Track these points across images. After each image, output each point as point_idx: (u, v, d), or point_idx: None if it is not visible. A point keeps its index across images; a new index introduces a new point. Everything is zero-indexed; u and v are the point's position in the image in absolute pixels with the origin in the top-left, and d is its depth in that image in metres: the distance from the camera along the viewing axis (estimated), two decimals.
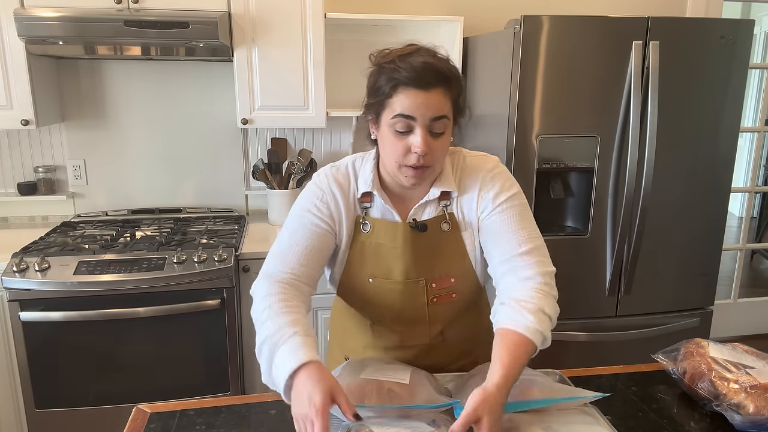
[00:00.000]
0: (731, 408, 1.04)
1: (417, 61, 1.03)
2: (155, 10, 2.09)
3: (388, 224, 1.17)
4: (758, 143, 3.75)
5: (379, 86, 1.07)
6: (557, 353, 2.20)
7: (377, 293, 1.20)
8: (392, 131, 1.07)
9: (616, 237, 2.12)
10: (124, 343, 2.06)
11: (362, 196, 1.18)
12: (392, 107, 1.06)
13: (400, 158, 1.08)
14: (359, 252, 1.19)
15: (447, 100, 1.06)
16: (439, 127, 1.07)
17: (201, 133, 2.63)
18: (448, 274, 1.19)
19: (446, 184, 1.17)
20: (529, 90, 1.99)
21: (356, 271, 1.20)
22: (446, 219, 1.18)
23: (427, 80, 1.03)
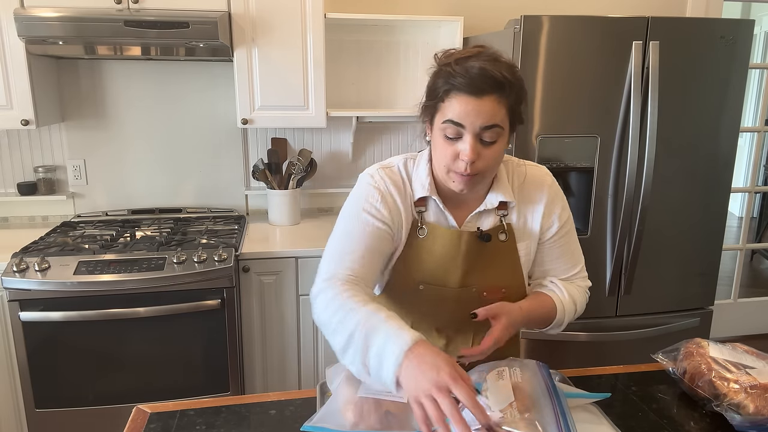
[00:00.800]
0: (731, 408, 1.04)
1: (474, 66, 1.00)
2: (155, 10, 2.09)
3: (448, 231, 1.15)
4: (758, 143, 3.75)
5: (435, 89, 1.05)
6: (557, 353, 2.21)
7: (427, 300, 1.17)
8: (442, 136, 1.06)
9: (616, 237, 2.12)
10: (124, 343, 2.06)
11: (418, 200, 1.15)
12: (444, 112, 1.04)
13: (449, 163, 1.06)
14: (412, 256, 1.16)
15: (501, 108, 1.02)
16: (490, 136, 1.03)
17: (201, 133, 2.63)
18: (501, 284, 1.19)
19: (504, 194, 1.16)
20: (529, 90, 1.99)
21: (407, 275, 1.17)
22: (504, 229, 1.17)
23: (480, 87, 1.00)
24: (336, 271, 1.08)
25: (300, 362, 2.34)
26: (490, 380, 0.98)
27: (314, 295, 1.08)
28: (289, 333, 2.30)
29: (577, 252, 1.25)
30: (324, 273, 1.10)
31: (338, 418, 0.98)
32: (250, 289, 2.22)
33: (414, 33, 2.64)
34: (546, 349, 2.20)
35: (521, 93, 1.06)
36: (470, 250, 1.15)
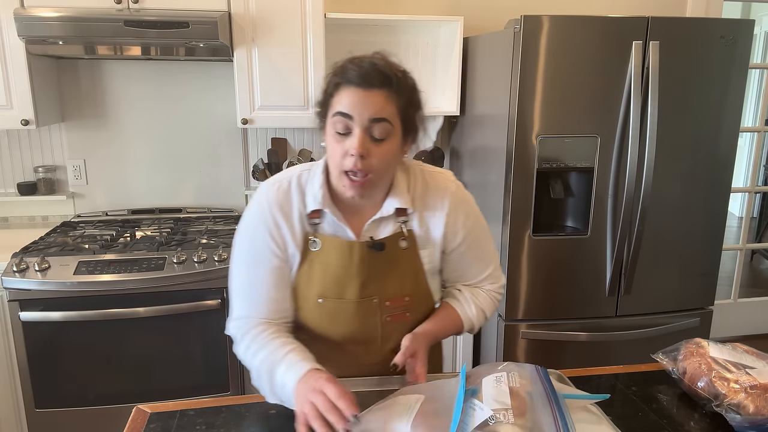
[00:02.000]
0: (731, 408, 1.04)
1: (365, 61, 1.03)
2: (155, 10, 2.09)
3: (341, 242, 1.12)
4: (758, 143, 3.75)
5: (326, 88, 1.07)
6: (557, 353, 2.21)
7: (327, 313, 1.15)
8: (333, 133, 1.04)
9: (616, 237, 2.12)
10: (124, 343, 2.06)
11: (311, 213, 1.12)
12: (333, 106, 1.04)
13: (340, 162, 1.04)
14: (308, 271, 1.13)
15: (390, 104, 1.03)
16: (379, 132, 1.02)
17: (201, 133, 2.63)
18: (403, 292, 1.17)
19: (402, 200, 1.14)
20: (529, 90, 1.99)
21: (304, 290, 1.14)
22: (404, 236, 1.15)
23: (369, 80, 1.01)
24: (246, 313, 1.13)
25: None
26: (486, 384, 0.98)
27: (232, 335, 1.15)
28: None
29: (488, 255, 1.26)
30: (236, 312, 1.15)
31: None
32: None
33: (414, 33, 2.64)
34: (546, 349, 2.20)
35: (413, 97, 1.07)
36: (364, 260, 1.12)
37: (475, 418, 0.91)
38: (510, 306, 2.17)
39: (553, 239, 2.14)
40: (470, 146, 2.54)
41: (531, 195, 2.07)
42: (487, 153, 2.31)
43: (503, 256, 2.15)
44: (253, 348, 1.09)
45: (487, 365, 1.07)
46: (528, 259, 2.13)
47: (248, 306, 1.13)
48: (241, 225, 1.16)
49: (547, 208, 2.16)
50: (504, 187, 2.11)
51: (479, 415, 0.91)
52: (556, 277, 2.15)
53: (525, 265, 2.13)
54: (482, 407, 0.92)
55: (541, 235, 2.11)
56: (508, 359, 1.11)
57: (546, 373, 1.02)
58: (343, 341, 1.18)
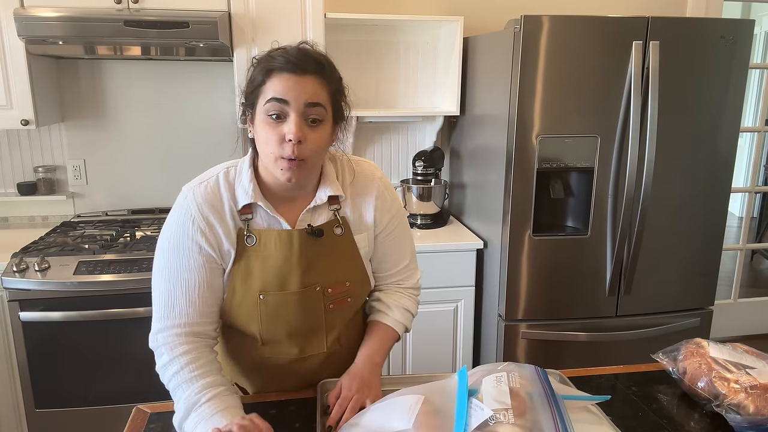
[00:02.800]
0: (731, 408, 1.04)
1: (292, 49, 1.04)
2: (155, 10, 2.09)
3: (278, 233, 1.10)
4: (758, 143, 3.75)
5: (253, 77, 1.05)
6: (557, 353, 2.21)
7: (270, 308, 1.12)
8: (266, 119, 1.03)
9: (616, 237, 2.12)
10: (124, 343, 2.06)
11: (243, 209, 1.10)
12: (265, 93, 1.03)
13: (276, 149, 1.02)
14: (245, 268, 1.10)
15: (323, 90, 1.04)
16: (314, 114, 1.03)
17: (201, 133, 2.63)
18: (344, 278, 1.17)
19: (333, 188, 1.15)
20: (529, 90, 1.99)
21: (243, 290, 1.11)
22: (339, 223, 1.16)
23: (301, 65, 1.02)
24: (171, 322, 1.06)
25: None
26: (485, 384, 0.98)
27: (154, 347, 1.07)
28: None
29: (406, 246, 1.28)
30: (159, 321, 1.07)
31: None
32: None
33: (414, 33, 2.64)
34: (546, 349, 2.20)
35: (340, 84, 1.10)
36: (304, 247, 1.11)
37: (475, 418, 0.91)
38: (510, 306, 2.17)
39: (553, 239, 2.14)
40: (470, 146, 2.54)
41: (531, 195, 2.07)
42: (487, 153, 2.31)
43: (503, 256, 2.15)
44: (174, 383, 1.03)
45: (487, 365, 1.08)
46: (528, 259, 2.13)
47: (171, 314, 1.06)
48: (164, 229, 1.12)
49: (547, 208, 2.16)
50: (504, 187, 2.11)
51: (479, 415, 0.91)
52: (556, 277, 2.15)
53: (525, 265, 2.13)
54: (482, 407, 0.92)
55: (541, 235, 2.11)
56: (508, 359, 1.11)
57: (545, 374, 1.02)
58: (287, 335, 1.16)
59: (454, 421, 0.90)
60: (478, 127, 2.43)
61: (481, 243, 2.34)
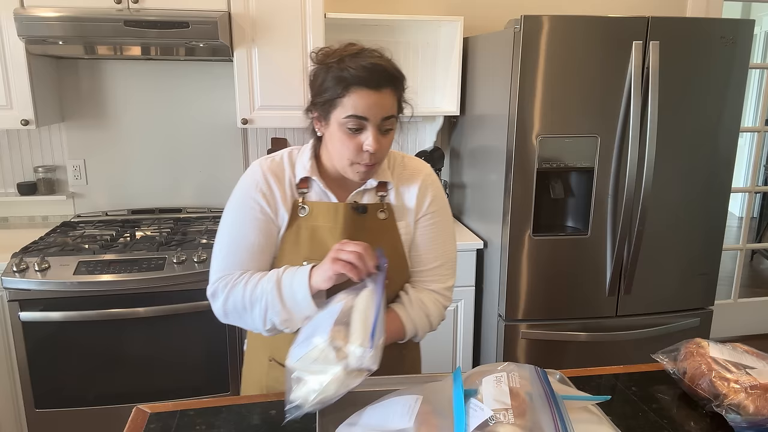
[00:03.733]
0: (731, 408, 1.04)
1: (366, 61, 1.08)
2: (155, 10, 2.09)
3: (327, 205, 1.21)
4: (758, 143, 3.75)
5: (328, 86, 1.10)
6: (557, 353, 2.21)
7: None
8: (343, 130, 1.11)
9: (616, 237, 2.12)
10: (124, 343, 2.07)
11: (300, 182, 1.21)
12: (345, 107, 1.09)
13: (352, 156, 1.12)
14: (295, 235, 1.20)
15: (395, 99, 1.12)
16: (388, 125, 1.12)
17: (201, 133, 2.63)
18: None
19: (383, 176, 1.23)
20: (529, 90, 1.99)
21: (290, 255, 1.20)
22: (383, 208, 1.23)
23: (378, 81, 1.08)
24: (227, 270, 1.18)
25: None
26: (485, 384, 0.98)
27: (212, 294, 1.19)
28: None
29: (445, 247, 1.30)
30: (216, 272, 1.19)
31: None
32: None
33: (414, 33, 2.64)
34: (546, 349, 2.20)
35: (405, 84, 1.16)
36: (348, 222, 1.20)
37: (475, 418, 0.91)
38: (510, 306, 2.17)
39: (553, 239, 2.14)
40: (470, 146, 2.54)
41: (531, 195, 2.07)
42: (487, 153, 2.31)
43: (503, 256, 2.15)
44: (248, 291, 1.13)
45: (487, 365, 1.08)
46: (528, 259, 2.13)
47: (230, 263, 1.18)
48: (233, 192, 1.23)
49: (547, 208, 2.16)
50: (504, 187, 2.11)
51: (479, 415, 0.91)
52: (556, 277, 2.15)
53: (525, 265, 2.13)
54: (482, 407, 0.92)
55: (541, 235, 2.11)
56: (508, 359, 1.11)
57: (545, 374, 1.02)
58: None
59: (454, 422, 0.90)
60: (478, 127, 2.43)
61: (481, 243, 2.34)
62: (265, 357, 1.31)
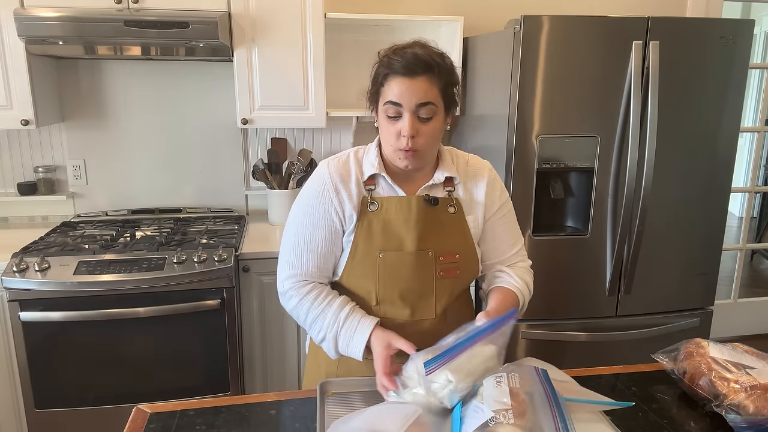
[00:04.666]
0: (731, 408, 1.04)
1: (408, 52, 1.15)
2: (155, 10, 2.09)
3: (398, 199, 1.25)
4: (758, 143, 3.75)
5: (376, 77, 1.19)
6: (557, 353, 2.21)
7: (388, 266, 1.24)
8: (385, 117, 1.18)
9: (616, 237, 2.12)
10: (124, 343, 2.06)
11: (368, 180, 1.26)
12: (384, 95, 1.17)
13: (394, 142, 1.18)
14: (367, 230, 1.24)
15: (433, 87, 1.15)
16: (425, 113, 1.16)
17: (201, 133, 2.63)
18: (454, 250, 1.27)
19: (449, 170, 1.28)
20: (529, 90, 1.99)
21: (365, 248, 1.24)
22: (452, 203, 1.28)
23: (413, 69, 1.13)
24: (297, 270, 1.27)
25: (300, 362, 2.34)
26: (486, 385, 0.98)
27: (283, 292, 1.29)
28: (289, 333, 2.30)
29: (517, 232, 1.39)
30: (286, 270, 1.28)
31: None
32: (250, 289, 2.22)
33: (414, 33, 2.61)
34: (546, 349, 2.20)
35: (452, 77, 1.20)
36: (420, 213, 1.24)
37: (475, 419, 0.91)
38: None
39: (553, 239, 2.14)
40: (470, 146, 2.54)
41: (531, 195, 2.07)
42: (487, 153, 2.31)
43: None
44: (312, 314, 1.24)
45: None
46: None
47: (299, 263, 1.26)
48: (301, 193, 1.30)
49: (547, 208, 2.16)
50: None
51: (479, 416, 0.91)
52: (556, 277, 2.15)
53: None
54: (482, 408, 0.92)
55: (541, 235, 2.11)
56: (508, 359, 1.11)
57: (546, 374, 1.02)
58: (400, 296, 1.26)
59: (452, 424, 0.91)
60: (478, 127, 2.43)
61: None
62: None
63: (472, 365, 1.02)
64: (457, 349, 1.03)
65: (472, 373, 1.02)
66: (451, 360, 1.02)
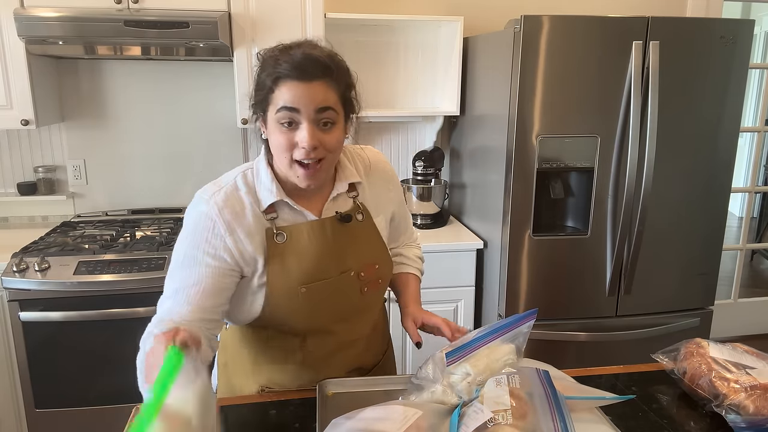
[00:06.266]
0: (731, 408, 1.04)
1: (297, 53, 1.01)
2: (155, 10, 2.09)
3: (310, 224, 1.12)
4: (758, 143, 3.75)
5: (262, 82, 1.05)
6: (557, 353, 2.21)
7: (311, 299, 1.12)
8: (278, 126, 1.03)
9: (616, 237, 2.12)
10: (124, 343, 2.06)
11: (267, 209, 1.10)
12: (275, 102, 1.02)
13: (288, 154, 1.04)
14: (280, 266, 1.09)
15: (332, 92, 1.03)
16: (326, 118, 1.03)
17: (201, 133, 2.63)
18: (372, 260, 1.20)
19: (352, 177, 1.19)
20: (529, 90, 1.99)
21: (283, 284, 1.10)
22: (360, 209, 1.20)
23: (308, 71, 1.00)
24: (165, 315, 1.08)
25: None
26: (487, 387, 0.98)
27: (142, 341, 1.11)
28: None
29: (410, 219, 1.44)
30: (157, 316, 1.10)
31: None
32: None
33: (414, 33, 2.64)
34: (546, 349, 2.20)
35: (349, 79, 1.09)
36: (336, 234, 1.14)
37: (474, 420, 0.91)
38: (510, 306, 2.17)
39: (553, 239, 2.14)
40: (470, 146, 2.54)
41: (531, 195, 2.07)
42: (487, 153, 2.31)
43: (503, 256, 2.15)
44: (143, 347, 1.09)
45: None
46: (528, 259, 2.13)
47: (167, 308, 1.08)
48: (180, 237, 1.10)
49: (547, 208, 2.16)
50: (504, 187, 2.11)
51: (479, 417, 0.91)
52: (556, 277, 2.15)
53: (525, 265, 2.13)
54: (482, 409, 0.92)
55: (541, 235, 2.11)
56: None
57: (547, 375, 1.02)
58: (329, 323, 1.18)
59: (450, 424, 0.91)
60: (478, 127, 2.43)
61: (481, 243, 2.34)
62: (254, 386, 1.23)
63: (490, 360, 1.03)
64: (476, 342, 1.05)
65: (489, 367, 1.02)
66: (471, 353, 1.03)
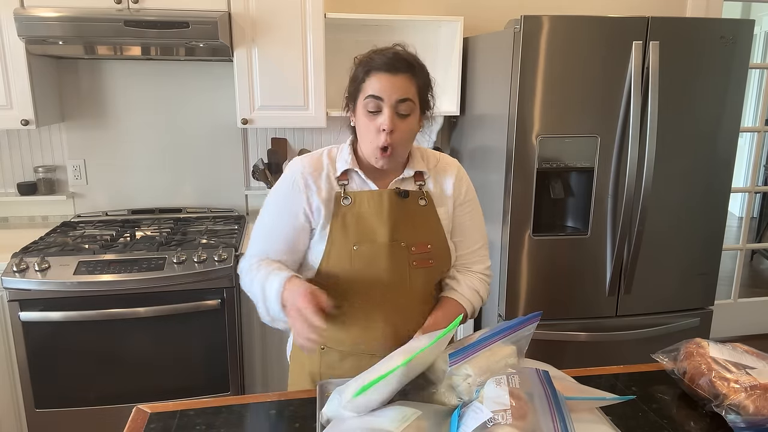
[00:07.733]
0: (731, 408, 1.04)
1: (388, 52, 1.22)
2: (155, 10, 2.09)
3: (371, 193, 1.29)
4: (758, 143, 3.75)
5: (356, 74, 1.25)
6: (557, 353, 2.21)
7: (362, 259, 1.26)
8: (365, 112, 1.22)
9: (616, 237, 2.12)
10: (124, 343, 2.07)
11: (341, 175, 1.30)
12: (365, 90, 1.22)
13: (373, 138, 1.22)
14: (341, 224, 1.27)
15: (412, 86, 1.22)
16: (404, 109, 1.21)
17: (201, 133, 2.63)
18: (426, 240, 1.31)
19: (419, 166, 1.33)
20: (529, 90, 1.99)
21: (340, 242, 1.27)
22: (423, 196, 1.32)
23: (395, 65, 1.20)
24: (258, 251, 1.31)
25: None
26: (487, 387, 0.98)
27: (240, 269, 1.33)
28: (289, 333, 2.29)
29: (482, 231, 1.43)
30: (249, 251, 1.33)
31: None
32: None
33: (414, 33, 2.64)
34: (546, 349, 2.20)
35: (428, 80, 1.28)
36: (392, 206, 1.28)
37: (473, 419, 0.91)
38: (510, 306, 2.17)
39: (553, 239, 2.14)
40: (470, 146, 2.54)
41: (531, 195, 2.07)
42: (487, 153, 2.31)
43: (503, 256, 2.15)
44: (251, 276, 1.27)
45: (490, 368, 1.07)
46: (528, 259, 2.13)
47: (260, 246, 1.31)
48: (276, 185, 1.33)
49: (547, 208, 2.16)
50: (504, 187, 2.11)
51: (478, 417, 0.91)
52: (556, 277, 2.15)
53: (525, 265, 2.13)
54: (482, 409, 0.92)
55: (541, 235, 2.11)
56: None
57: (547, 376, 1.02)
58: (376, 284, 1.29)
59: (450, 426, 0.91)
60: (478, 127, 2.43)
61: None
62: None
63: (490, 361, 1.05)
64: (478, 344, 1.06)
65: (490, 368, 1.04)
66: (472, 355, 1.04)
